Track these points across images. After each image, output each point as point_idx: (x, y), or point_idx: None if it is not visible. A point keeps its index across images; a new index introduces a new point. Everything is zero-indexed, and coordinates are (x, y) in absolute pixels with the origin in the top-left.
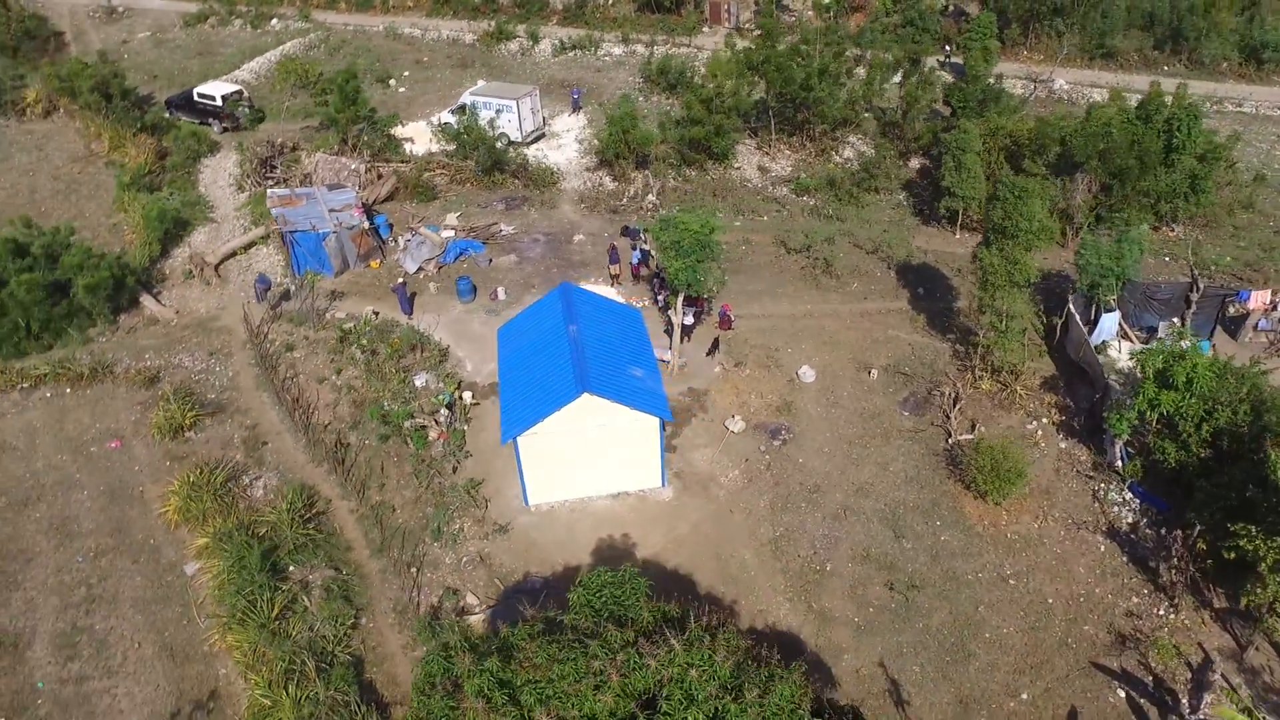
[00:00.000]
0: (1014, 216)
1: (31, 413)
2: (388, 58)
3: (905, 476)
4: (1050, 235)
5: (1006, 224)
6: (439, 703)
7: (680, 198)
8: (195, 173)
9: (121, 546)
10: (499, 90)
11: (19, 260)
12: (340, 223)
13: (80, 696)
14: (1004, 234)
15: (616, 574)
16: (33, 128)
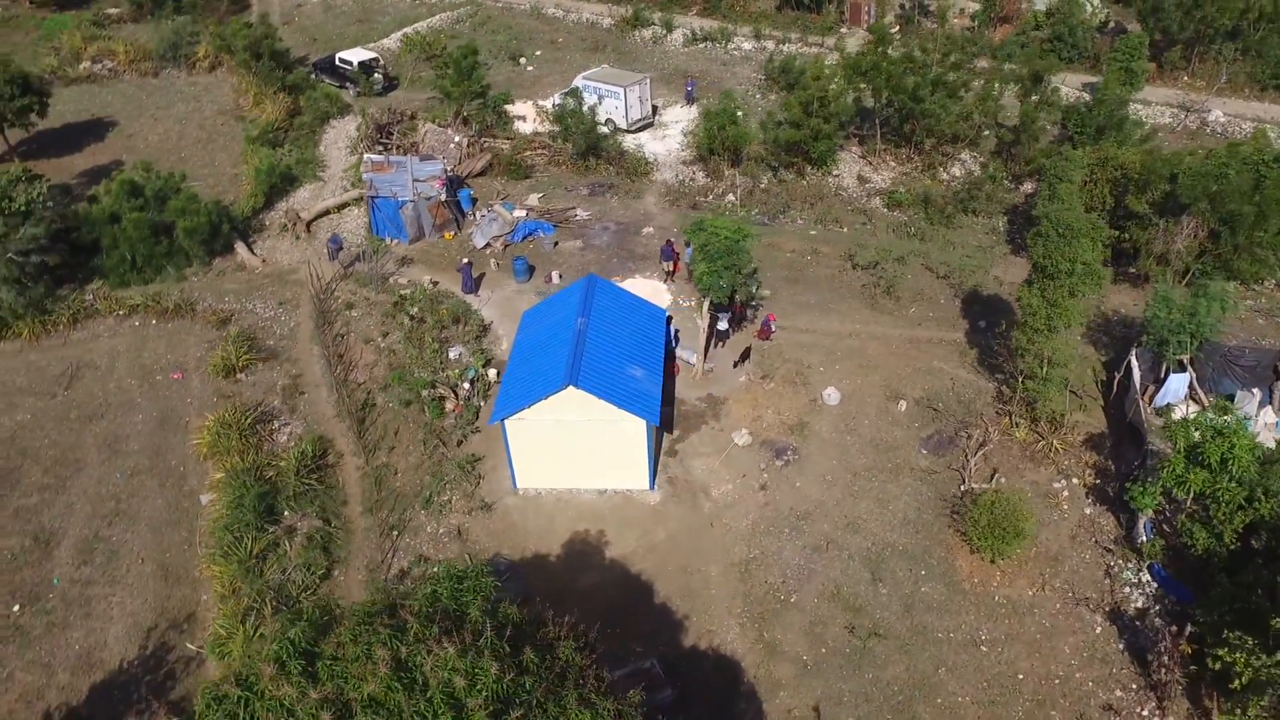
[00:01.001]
0: (1055, 256)
1: (119, 338)
2: (525, 36)
3: (903, 518)
4: (1098, 281)
5: (1046, 263)
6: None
7: (767, 200)
8: (320, 133)
9: (155, 469)
10: (610, 76)
11: (133, 200)
12: (419, 193)
13: (83, 598)
14: (1044, 273)
15: (467, 570)
16: (197, 80)
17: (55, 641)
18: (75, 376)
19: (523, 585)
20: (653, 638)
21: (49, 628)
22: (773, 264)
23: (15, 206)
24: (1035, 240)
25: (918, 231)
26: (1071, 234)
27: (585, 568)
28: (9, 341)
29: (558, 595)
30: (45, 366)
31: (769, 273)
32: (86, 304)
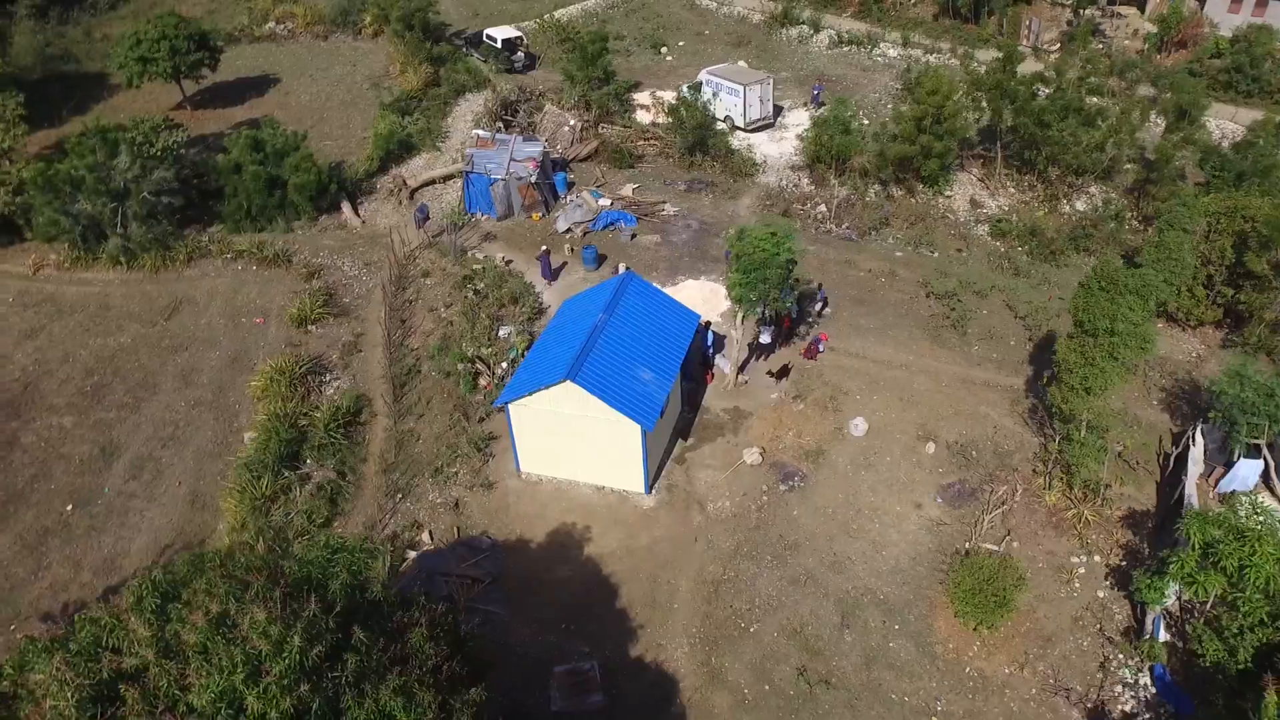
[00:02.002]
0: (1094, 312)
1: (221, 279)
2: (673, 26)
3: (893, 566)
4: (1145, 345)
5: (1084, 318)
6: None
7: (863, 215)
8: (453, 105)
9: (215, 403)
10: (733, 73)
11: (255, 154)
12: (512, 172)
13: (123, 509)
14: (1083, 329)
15: (345, 544)
16: (360, 45)
17: (90, 544)
18: (176, 310)
19: (499, 566)
20: (602, 640)
21: (89, 530)
22: (844, 283)
23: (153, 151)
24: (1077, 292)
25: (1020, 266)
26: (1115, 289)
27: (562, 560)
28: (134, 271)
29: (527, 582)
30: (156, 297)
31: (837, 291)
32: (202, 245)
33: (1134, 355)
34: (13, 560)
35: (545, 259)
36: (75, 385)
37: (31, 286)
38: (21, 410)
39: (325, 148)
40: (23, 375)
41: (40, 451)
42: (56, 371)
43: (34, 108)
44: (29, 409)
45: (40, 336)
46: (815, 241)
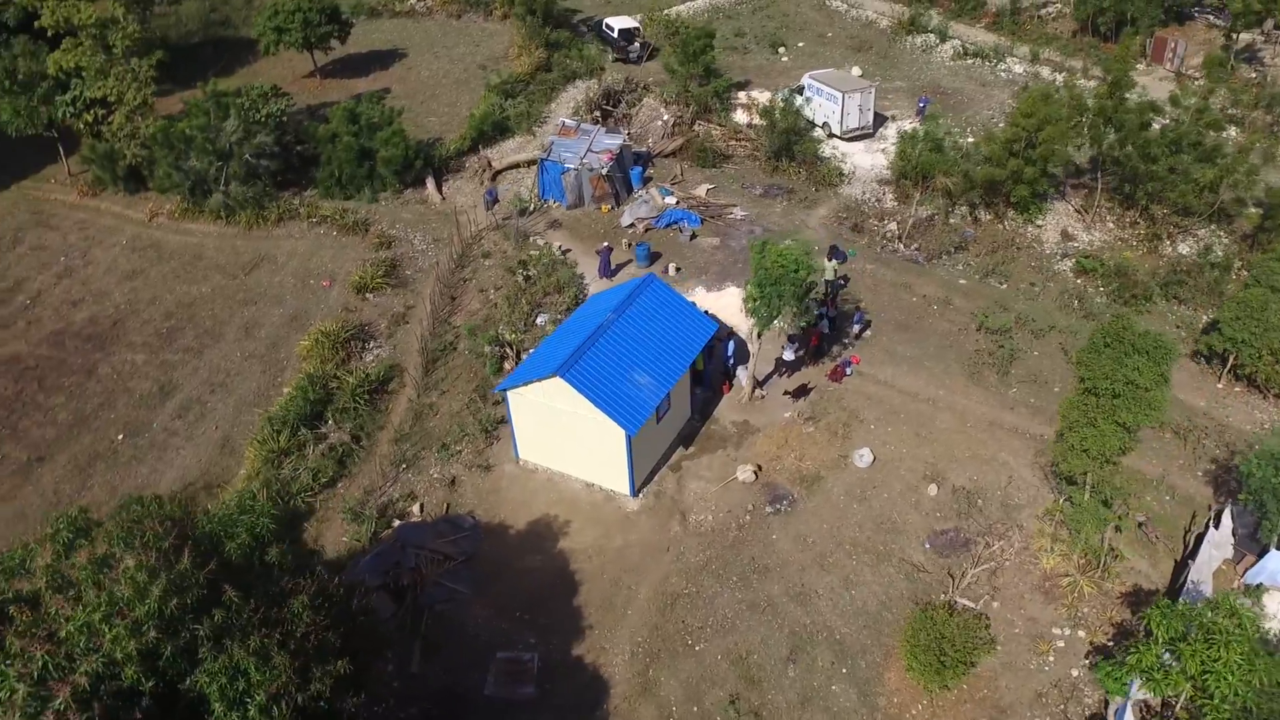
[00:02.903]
0: (1097, 370)
1: (302, 241)
2: (797, 26)
3: (859, 607)
4: (1152, 411)
5: (1087, 376)
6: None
7: (937, 237)
8: (560, 91)
9: (265, 357)
10: (835, 79)
11: (350, 126)
12: (585, 163)
13: (164, 445)
14: (1087, 389)
15: (253, 506)
16: (488, 26)
17: (128, 472)
18: (256, 266)
19: (475, 546)
20: (550, 633)
21: (130, 460)
22: (894, 306)
23: (258, 117)
24: (1085, 347)
25: (1089, 307)
26: (1123, 348)
27: (535, 549)
28: (230, 226)
29: (497, 566)
30: (242, 252)
31: (883, 315)
32: (293, 207)
33: (1139, 421)
34: (63, 479)
35: (605, 254)
36: (154, 326)
37: (144, 232)
38: (106, 344)
39: (429, 123)
40: (115, 312)
41: (111, 383)
42: (142, 312)
43: (187, 68)
44: (112, 343)
45: (138, 279)
46: (877, 260)
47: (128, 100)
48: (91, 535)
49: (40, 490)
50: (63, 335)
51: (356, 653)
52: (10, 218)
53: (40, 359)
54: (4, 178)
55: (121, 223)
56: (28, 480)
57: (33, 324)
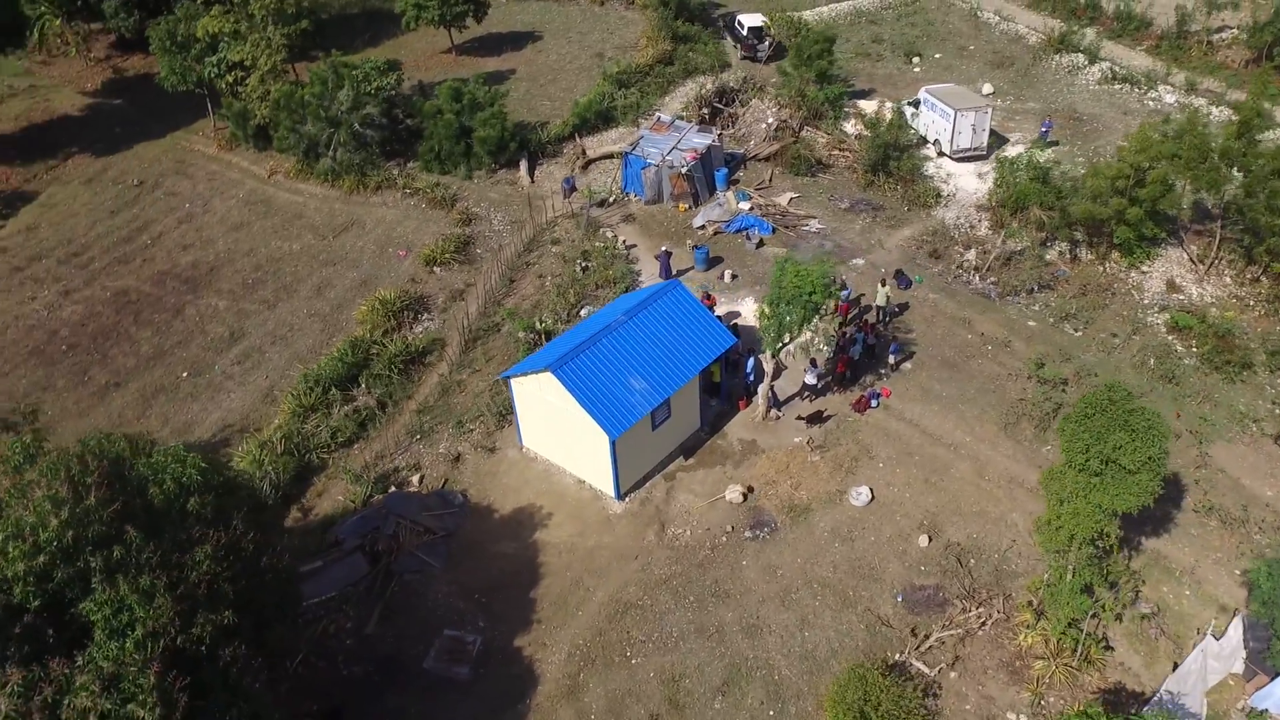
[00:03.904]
0: (1074, 440)
1: (391, 210)
2: (939, 37)
3: (808, 651)
4: (1131, 494)
5: (1064, 445)
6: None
7: (1019, 274)
8: (677, 85)
9: (328, 317)
10: (951, 95)
11: (454, 104)
12: (667, 159)
13: (219, 387)
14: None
15: (188, 457)
16: (625, 15)
17: (182, 407)
18: (345, 229)
19: (457, 524)
20: (499, 620)
21: (187, 397)
22: (945, 342)
23: (369, 89)
24: (1069, 415)
25: (1172, 370)
26: (1105, 421)
27: (512, 536)
28: (334, 190)
29: (472, 545)
30: (336, 215)
31: (930, 349)
32: (391, 177)
33: (1119, 506)
34: (128, 405)
35: (665, 259)
36: (242, 276)
37: (260, 188)
38: (199, 288)
39: (542, 107)
40: (214, 259)
41: (192, 323)
42: (237, 261)
43: (338, 37)
44: (204, 288)
45: (242, 230)
46: (943, 290)
47: (261, 65)
48: (36, 462)
49: (108, 412)
50: (166, 275)
51: (262, 608)
52: (158, 164)
53: (142, 295)
54: (162, 128)
55: (244, 177)
56: (101, 402)
57: (146, 262)
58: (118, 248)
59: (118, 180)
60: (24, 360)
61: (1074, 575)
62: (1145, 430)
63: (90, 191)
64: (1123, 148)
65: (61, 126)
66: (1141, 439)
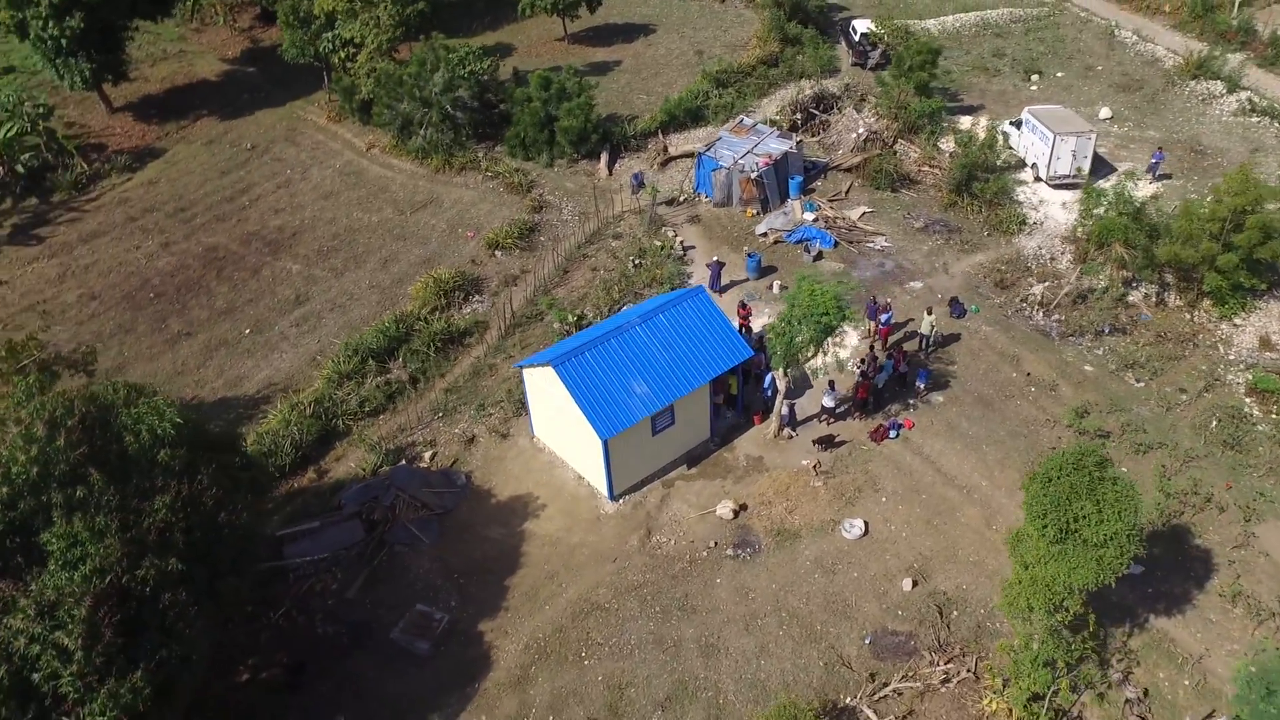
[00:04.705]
0: (1036, 502)
1: (469, 192)
2: (1066, 54)
3: (760, 680)
4: (1097, 571)
5: (1026, 506)
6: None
7: (1086, 314)
8: (777, 88)
9: (387, 290)
10: (1053, 118)
11: (543, 92)
12: (739, 162)
13: (273, 347)
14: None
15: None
16: (744, 13)
17: (237, 363)
18: (422, 207)
19: (455, 503)
20: (468, 602)
21: (244, 353)
22: (986, 378)
23: (463, 73)
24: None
25: (1240, 437)
26: (1067, 486)
27: (502, 522)
28: (422, 168)
29: (463, 526)
30: (418, 193)
31: (968, 384)
32: (475, 159)
33: (1079, 581)
34: (192, 355)
35: (716, 269)
36: (320, 244)
37: (356, 160)
38: (279, 250)
39: (637, 101)
40: (299, 225)
41: (265, 284)
42: (319, 229)
43: (458, 20)
44: (283, 251)
45: (331, 200)
46: (999, 323)
47: (369, 43)
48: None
49: (175, 360)
50: (254, 236)
51: (218, 561)
52: (272, 130)
53: (229, 253)
54: (283, 96)
55: (345, 149)
56: (171, 349)
57: (240, 222)
58: (219, 206)
59: (234, 143)
60: (117, 303)
61: (1039, 646)
62: (1114, 502)
63: (209, 152)
64: (1218, 187)
65: (198, 90)
66: (1110, 510)
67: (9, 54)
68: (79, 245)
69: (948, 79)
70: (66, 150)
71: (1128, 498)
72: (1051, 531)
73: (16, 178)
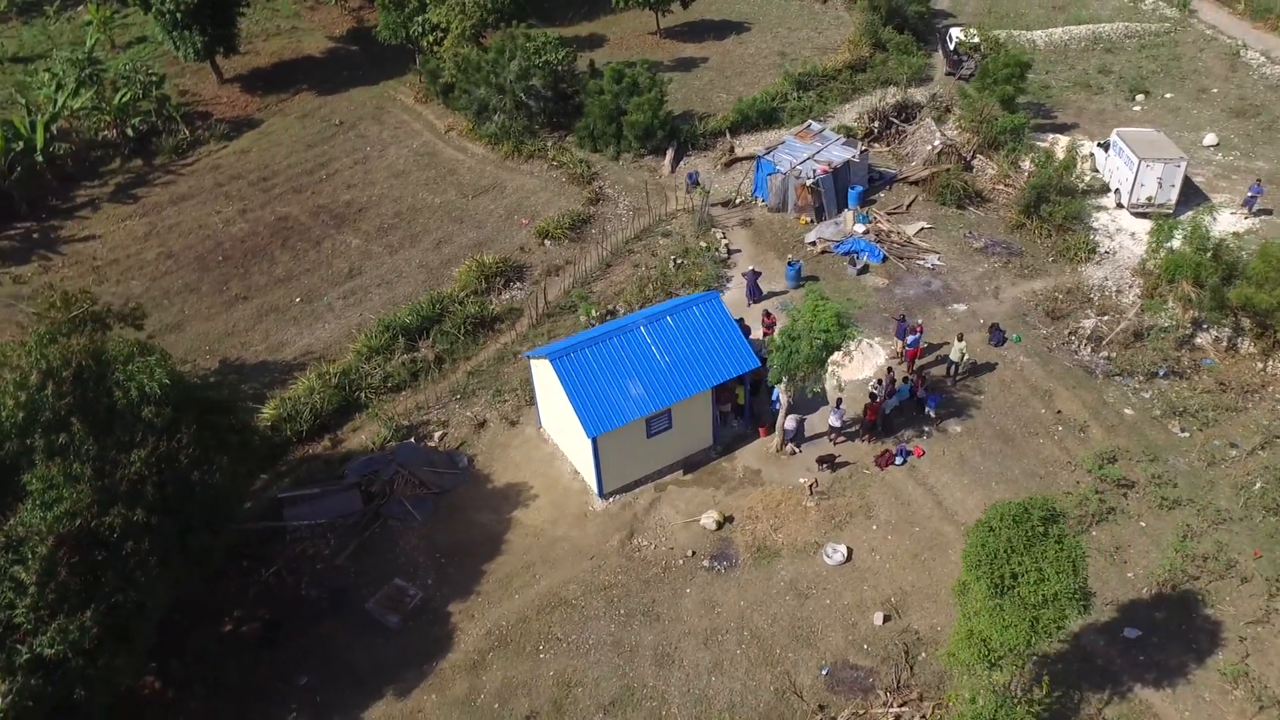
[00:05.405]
0: (972, 553)
1: (534, 180)
2: (1180, 74)
3: (707, 697)
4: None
5: (965, 556)
6: None
7: (1142, 355)
8: (861, 94)
9: (434, 270)
10: (1142, 142)
11: (615, 85)
12: (794, 166)
13: (317, 317)
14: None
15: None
16: (842, 16)
17: (281, 330)
18: (485, 191)
19: (454, 485)
20: (444, 583)
21: (290, 321)
22: (1012, 413)
23: (538, 62)
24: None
25: None
26: (1005, 537)
27: (493, 508)
28: (493, 153)
29: (455, 508)
30: (483, 177)
31: (992, 416)
32: (543, 148)
33: (1008, 642)
34: (243, 318)
35: (752, 279)
36: (381, 221)
37: (432, 142)
38: (343, 224)
39: (716, 100)
40: (366, 201)
41: (325, 255)
42: (384, 206)
43: (555, 9)
44: (347, 225)
45: (401, 178)
46: (1038, 355)
47: (454, 29)
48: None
49: (228, 321)
50: (322, 209)
51: (190, 517)
52: (362, 108)
53: (298, 223)
54: (378, 75)
55: (425, 130)
56: (226, 311)
57: (314, 195)
58: (298, 179)
59: (325, 119)
60: (189, 264)
61: (982, 702)
62: (1054, 561)
63: (301, 125)
64: None
65: (303, 66)
66: (1051, 569)
67: (144, 25)
68: (168, 206)
69: (1044, 94)
70: (173, 117)
71: (1072, 559)
72: (985, 584)
73: (127, 140)
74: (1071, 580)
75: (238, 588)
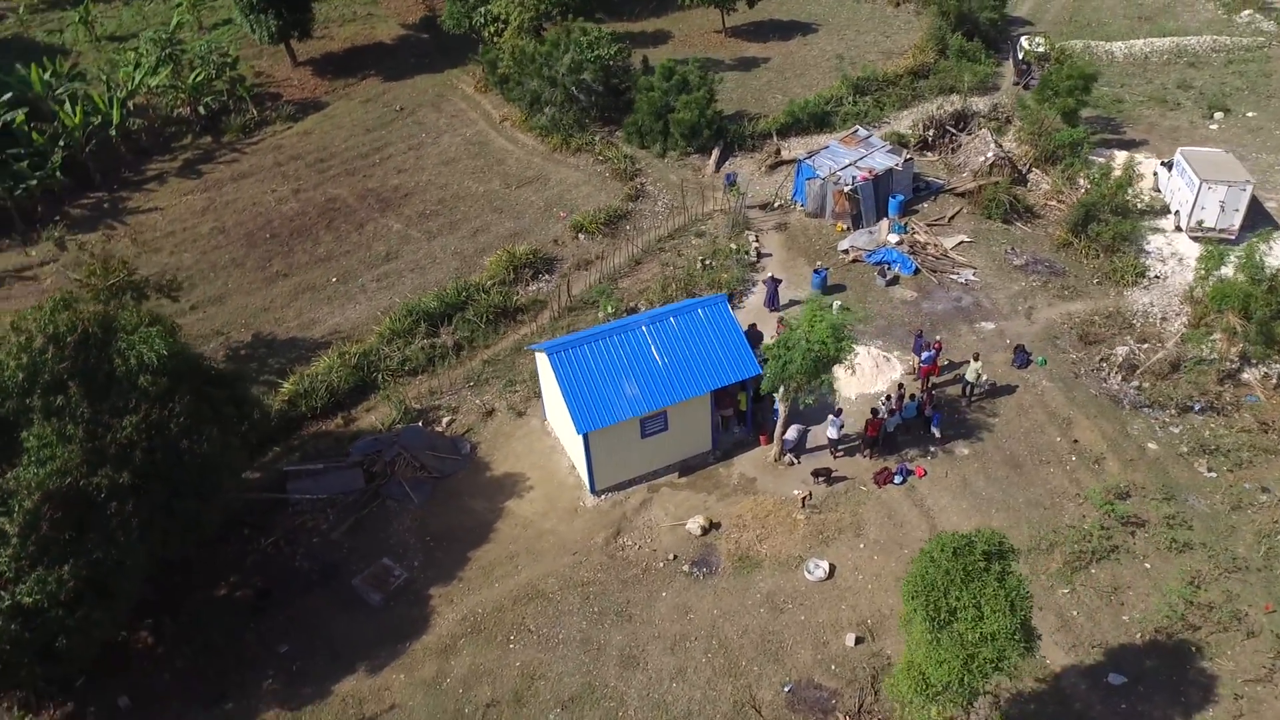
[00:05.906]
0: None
1: (578, 173)
2: (1267, 93)
3: (665, 703)
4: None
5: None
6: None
7: (1193, 387)
8: (923, 100)
9: (468, 258)
10: (1206, 163)
11: (665, 82)
12: (833, 171)
13: (350, 298)
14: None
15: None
16: (912, 20)
17: (314, 308)
18: (529, 182)
19: (454, 470)
20: (429, 566)
21: (324, 300)
22: (1025, 438)
23: (591, 56)
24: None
25: None
26: (944, 569)
27: (487, 497)
28: (542, 144)
29: (451, 493)
30: (529, 168)
31: (1003, 441)
32: (590, 142)
33: (935, 676)
34: (280, 295)
35: (772, 286)
36: (424, 207)
37: (485, 131)
38: (387, 208)
39: (772, 101)
40: (413, 187)
41: (366, 238)
42: (429, 193)
43: (623, 3)
44: (391, 210)
45: (450, 166)
46: (1063, 380)
47: (513, 20)
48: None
49: (266, 297)
50: (371, 193)
51: (178, 483)
52: (424, 95)
53: (345, 205)
54: (443, 63)
55: (480, 119)
56: (265, 287)
57: (365, 178)
58: (352, 162)
59: (387, 104)
60: (239, 239)
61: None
62: (991, 599)
63: (363, 110)
64: None
65: (373, 51)
66: (989, 607)
67: (230, 8)
68: (228, 183)
69: (1115, 108)
70: (243, 97)
71: (1014, 598)
72: (921, 616)
73: (199, 118)
74: (1008, 620)
75: (236, 554)
